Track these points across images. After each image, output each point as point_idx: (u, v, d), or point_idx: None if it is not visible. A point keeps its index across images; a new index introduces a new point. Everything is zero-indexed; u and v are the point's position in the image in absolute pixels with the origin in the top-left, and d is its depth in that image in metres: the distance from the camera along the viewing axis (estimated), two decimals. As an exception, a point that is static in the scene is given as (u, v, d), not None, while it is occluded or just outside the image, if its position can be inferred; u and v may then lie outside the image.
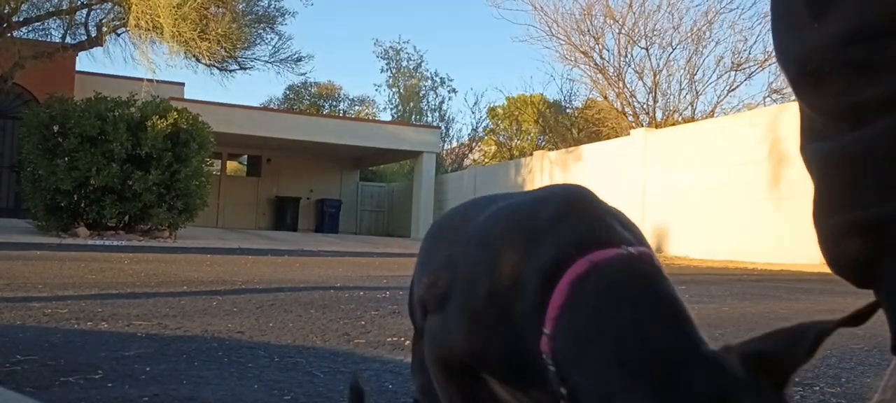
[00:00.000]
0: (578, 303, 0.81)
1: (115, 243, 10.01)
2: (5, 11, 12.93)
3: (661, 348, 0.73)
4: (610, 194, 0.99)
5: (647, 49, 18.92)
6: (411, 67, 32.03)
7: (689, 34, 18.69)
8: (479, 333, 0.92)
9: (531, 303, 0.85)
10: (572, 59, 19.92)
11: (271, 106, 30.87)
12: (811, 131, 0.67)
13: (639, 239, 0.92)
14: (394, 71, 32.17)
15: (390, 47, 32.23)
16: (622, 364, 0.74)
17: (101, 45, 14.60)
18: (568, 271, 0.83)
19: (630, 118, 19.20)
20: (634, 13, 18.74)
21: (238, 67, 15.57)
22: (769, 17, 0.75)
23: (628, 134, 14.86)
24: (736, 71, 18.58)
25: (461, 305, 0.95)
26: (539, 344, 0.83)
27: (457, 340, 0.95)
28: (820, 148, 0.64)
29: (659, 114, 19.02)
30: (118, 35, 14.63)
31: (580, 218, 0.90)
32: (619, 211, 0.97)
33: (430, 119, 30.60)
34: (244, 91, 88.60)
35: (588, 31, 19.26)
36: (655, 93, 19.05)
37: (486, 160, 29.13)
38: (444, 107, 32.08)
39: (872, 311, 0.69)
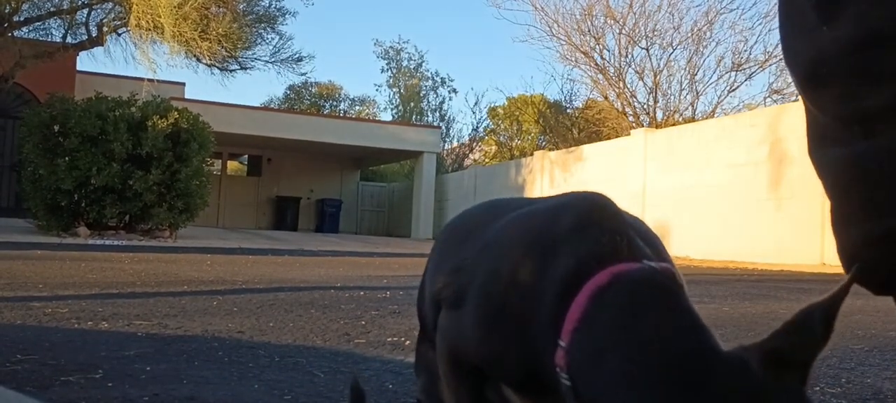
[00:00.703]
0: (597, 317, 0.79)
1: (116, 243, 10.01)
2: (6, 11, 12.93)
3: (684, 360, 0.72)
4: (610, 194, 0.98)
5: (647, 49, 18.93)
6: (412, 67, 32.06)
7: (689, 34, 18.70)
8: (492, 340, 0.91)
9: (547, 314, 0.83)
10: (573, 59, 19.94)
11: (272, 106, 30.89)
12: (819, 134, 0.66)
13: (660, 253, 0.90)
14: (394, 71, 32.20)
15: (391, 47, 32.28)
16: (642, 378, 0.72)
17: (102, 45, 14.60)
18: (588, 283, 0.81)
19: (630, 118, 19.20)
20: (635, 13, 18.75)
21: (239, 67, 15.58)
22: (769, 18, 0.75)
23: (629, 134, 14.86)
24: (736, 71, 18.58)
25: (475, 310, 0.94)
26: (553, 357, 0.81)
27: (469, 344, 0.95)
28: (833, 154, 0.64)
29: (659, 115, 19.02)
30: (119, 35, 14.64)
31: (601, 230, 0.88)
32: (640, 222, 0.96)
33: (430, 119, 30.60)
34: (245, 91, 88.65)
35: (588, 31, 19.28)
36: (656, 93, 19.06)
37: (486, 160, 29.13)
38: (445, 107, 32.12)
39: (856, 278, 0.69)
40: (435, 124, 27.51)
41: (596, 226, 0.89)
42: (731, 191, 11.27)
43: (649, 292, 0.80)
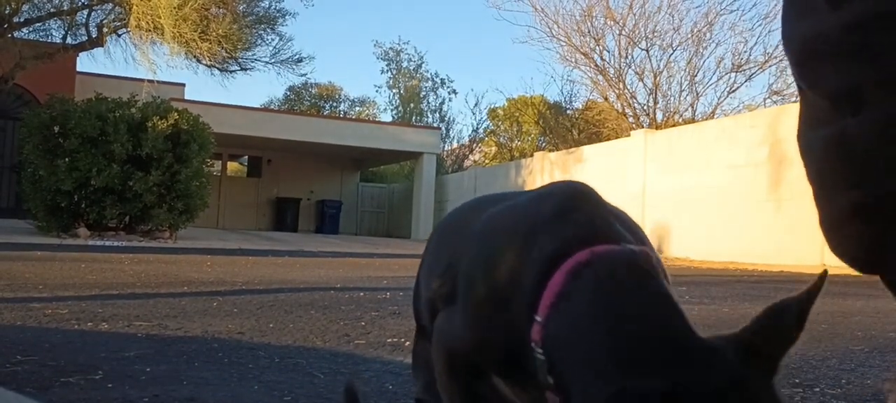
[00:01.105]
0: (573, 292, 0.81)
1: (116, 244, 10.01)
2: (6, 12, 12.94)
3: (660, 339, 0.73)
4: (610, 195, 1.00)
5: (647, 50, 18.92)
6: (411, 68, 32.05)
7: (689, 35, 18.69)
8: (480, 326, 0.93)
9: (528, 294, 0.85)
10: (573, 60, 19.94)
11: (272, 107, 30.87)
12: (811, 117, 0.67)
13: (640, 240, 0.92)
14: (394, 72, 32.20)
15: (390, 48, 32.27)
16: (616, 355, 0.73)
17: (102, 46, 14.60)
18: (566, 262, 0.83)
19: (630, 119, 19.20)
20: (635, 14, 18.75)
21: (239, 68, 15.58)
22: (769, 19, 0.75)
23: (629, 135, 14.86)
24: (736, 72, 18.57)
25: (464, 300, 0.96)
26: (530, 334, 0.83)
27: (460, 334, 0.96)
28: (821, 133, 0.64)
29: (659, 116, 19.02)
30: (119, 36, 14.64)
31: (581, 215, 0.91)
32: (622, 212, 0.98)
33: (430, 120, 30.60)
34: (245, 92, 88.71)
35: (588, 32, 19.27)
36: (656, 94, 19.06)
37: (486, 161, 29.13)
38: (445, 108, 32.11)
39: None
40: (435, 125, 27.51)
41: (576, 211, 0.91)
42: (730, 193, 11.27)
43: (627, 271, 0.82)
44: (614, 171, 14.01)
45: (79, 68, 17.30)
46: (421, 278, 1.20)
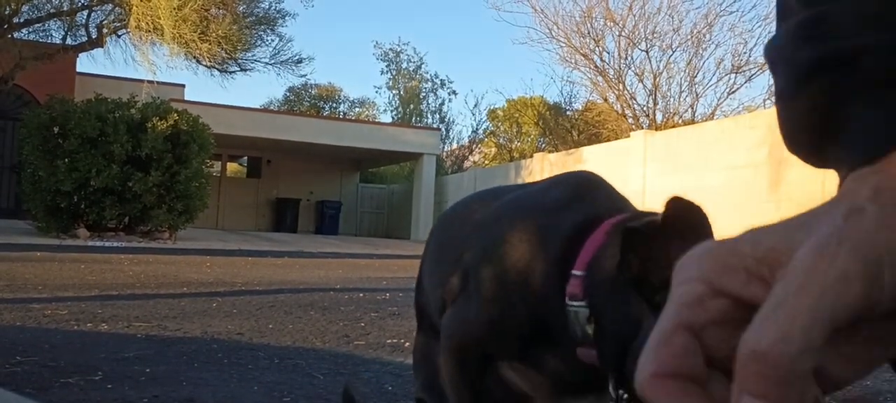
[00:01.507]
0: (615, 242, 0.83)
1: (115, 244, 10.01)
2: (6, 12, 12.94)
3: None
4: (610, 196, 1.04)
5: (647, 51, 18.92)
6: (411, 69, 32.05)
7: (689, 36, 18.69)
8: (499, 306, 0.95)
9: (558, 260, 0.88)
10: (572, 61, 19.93)
11: (271, 107, 30.86)
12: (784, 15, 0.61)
13: None
14: (394, 73, 32.19)
15: (390, 49, 32.27)
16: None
17: (102, 47, 14.61)
18: (602, 225, 0.87)
19: (630, 120, 19.20)
20: (634, 15, 18.75)
21: (238, 69, 15.59)
22: (769, 20, 0.73)
23: (628, 136, 14.86)
24: (736, 73, 18.59)
25: (481, 285, 0.97)
26: (563, 297, 0.85)
27: (477, 320, 0.97)
28: (796, 19, 0.56)
29: (659, 117, 19.02)
30: (119, 36, 14.65)
31: (598, 196, 0.97)
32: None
33: (430, 121, 30.60)
34: (244, 92, 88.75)
35: (588, 33, 19.27)
36: (655, 95, 19.06)
37: (486, 162, 29.13)
38: (445, 108, 32.11)
39: None
40: (434, 126, 27.50)
41: (591, 195, 0.98)
42: (730, 193, 11.27)
43: (665, 223, 0.88)
44: (614, 172, 14.00)
45: (79, 69, 17.29)
46: (425, 272, 1.20)
